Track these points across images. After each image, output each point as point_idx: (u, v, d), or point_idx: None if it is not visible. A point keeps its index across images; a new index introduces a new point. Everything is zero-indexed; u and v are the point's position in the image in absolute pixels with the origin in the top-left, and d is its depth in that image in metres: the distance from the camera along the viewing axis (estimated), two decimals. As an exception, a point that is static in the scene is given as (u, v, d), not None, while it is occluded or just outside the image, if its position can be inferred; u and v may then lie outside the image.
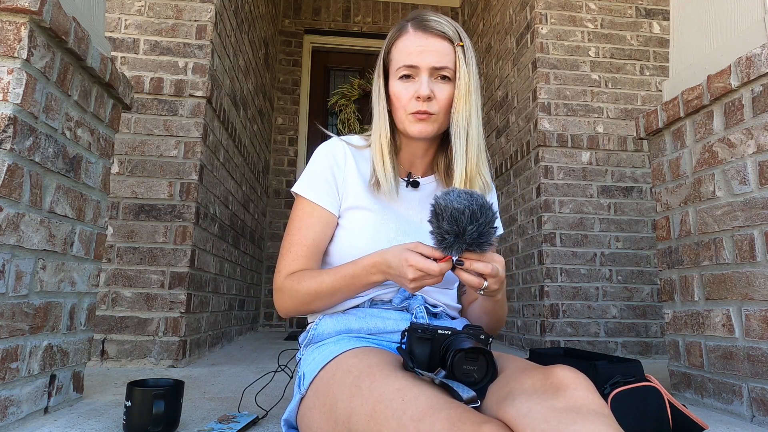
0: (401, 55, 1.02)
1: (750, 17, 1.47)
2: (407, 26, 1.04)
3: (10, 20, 1.09)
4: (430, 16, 1.04)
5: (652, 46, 3.01)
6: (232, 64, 2.80)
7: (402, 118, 1.04)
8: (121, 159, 2.17)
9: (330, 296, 0.96)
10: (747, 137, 1.42)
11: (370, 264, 0.91)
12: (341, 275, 0.94)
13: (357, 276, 0.93)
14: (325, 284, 0.95)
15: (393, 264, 0.87)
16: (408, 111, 1.02)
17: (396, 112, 1.05)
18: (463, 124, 1.02)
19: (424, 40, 1.01)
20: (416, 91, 1.00)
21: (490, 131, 3.76)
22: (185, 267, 2.13)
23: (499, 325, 1.07)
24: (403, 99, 1.02)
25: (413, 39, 1.02)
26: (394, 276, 0.88)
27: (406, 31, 1.04)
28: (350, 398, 0.77)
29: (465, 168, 1.03)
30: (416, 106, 1.00)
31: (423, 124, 1.02)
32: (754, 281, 1.39)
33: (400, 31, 1.05)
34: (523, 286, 2.99)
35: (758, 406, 1.36)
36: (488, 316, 1.04)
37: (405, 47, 1.02)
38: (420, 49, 1.00)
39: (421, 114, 1.01)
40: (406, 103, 1.02)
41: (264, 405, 1.34)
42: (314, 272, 0.98)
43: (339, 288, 0.95)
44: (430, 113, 1.01)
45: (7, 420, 1.08)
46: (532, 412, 0.62)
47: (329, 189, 1.05)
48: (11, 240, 1.07)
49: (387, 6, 4.79)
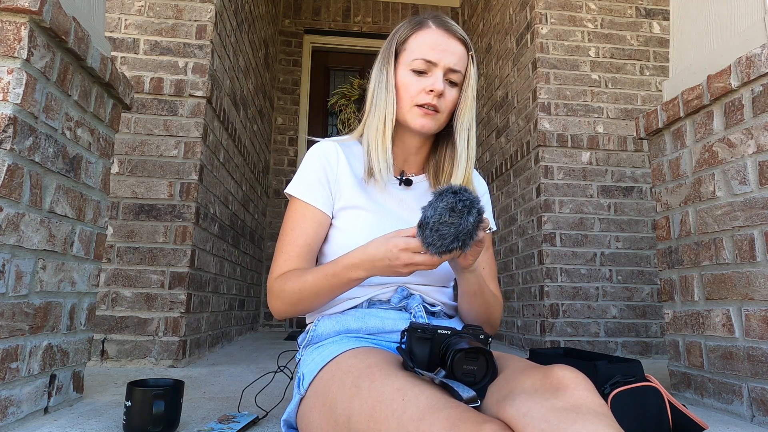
0: (421, 48, 1.03)
1: (750, 17, 1.47)
2: (428, 22, 1.06)
3: (10, 20, 1.09)
4: (449, 20, 1.07)
5: (652, 46, 3.01)
6: (232, 64, 2.80)
7: (406, 109, 1.04)
8: (121, 159, 2.17)
9: (314, 296, 0.96)
10: (747, 137, 1.42)
11: (350, 262, 0.91)
12: (323, 274, 0.94)
13: (337, 274, 0.92)
14: (308, 284, 0.95)
15: (379, 254, 0.86)
16: (416, 102, 1.03)
17: (399, 101, 1.05)
18: (466, 128, 1.06)
19: (446, 39, 1.03)
20: (430, 85, 1.01)
21: (490, 131, 3.76)
22: (185, 267, 2.13)
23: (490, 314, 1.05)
24: (412, 90, 1.03)
25: (436, 35, 1.03)
26: (381, 267, 0.87)
27: (428, 26, 1.05)
28: (350, 398, 0.77)
29: (466, 169, 1.08)
30: (426, 99, 1.02)
31: (427, 119, 1.03)
32: (754, 281, 1.39)
33: (421, 25, 1.06)
34: (523, 286, 2.99)
35: (758, 406, 1.36)
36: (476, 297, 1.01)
37: (426, 42, 1.03)
38: (442, 47, 1.02)
39: (430, 108, 1.02)
40: (415, 94, 1.03)
41: (264, 405, 1.34)
42: (300, 272, 0.98)
43: (321, 287, 0.94)
44: (438, 110, 1.03)
45: (7, 420, 1.08)
46: (532, 411, 0.62)
47: (322, 189, 1.05)
48: (11, 240, 1.07)
49: (387, 6, 4.79)
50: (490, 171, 3.70)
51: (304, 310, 1.00)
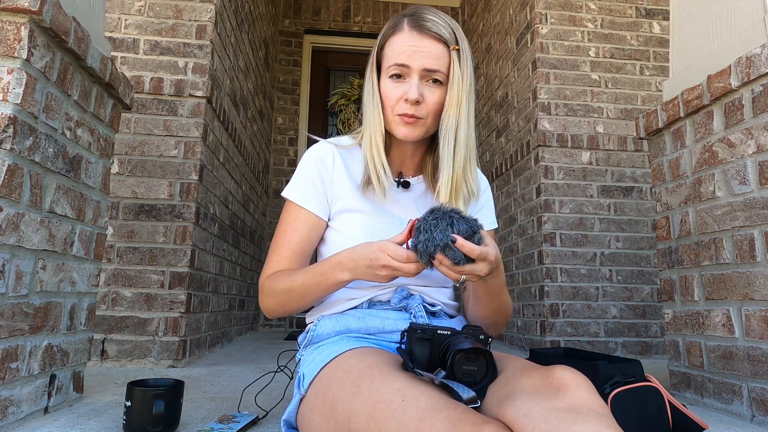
0: (393, 53, 1.00)
1: (750, 17, 1.47)
2: (403, 23, 1.01)
3: (10, 20, 1.09)
4: (427, 15, 1.00)
5: (652, 46, 3.01)
6: (232, 64, 2.80)
7: (390, 119, 1.02)
8: (121, 159, 2.17)
9: (302, 295, 0.96)
10: (747, 137, 1.42)
11: (336, 261, 0.92)
12: (311, 273, 0.95)
13: (324, 273, 0.93)
14: (297, 282, 0.96)
15: (363, 255, 0.87)
16: (395, 112, 1.00)
17: (384, 111, 1.03)
18: (452, 130, 1.00)
19: (418, 40, 0.98)
20: (405, 93, 0.98)
21: (490, 131, 3.76)
22: (185, 267, 2.13)
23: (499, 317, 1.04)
24: (392, 99, 1.00)
25: (407, 38, 0.99)
26: (363, 267, 0.87)
27: (402, 28, 1.01)
28: (350, 399, 0.77)
29: (451, 175, 1.02)
30: (404, 109, 0.99)
31: (409, 128, 1.00)
32: (754, 281, 1.39)
33: (395, 28, 1.02)
34: (523, 286, 2.99)
35: (758, 406, 1.36)
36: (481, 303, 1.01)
37: (398, 45, 0.99)
38: (413, 50, 0.98)
39: (408, 117, 0.99)
40: (393, 104, 1.00)
41: (264, 405, 1.34)
42: (290, 271, 0.99)
43: (309, 286, 0.95)
44: (418, 117, 0.99)
45: (7, 420, 1.08)
46: (532, 412, 0.62)
47: (317, 193, 1.05)
48: (11, 240, 1.07)
49: (387, 6, 4.79)
50: (490, 171, 3.70)
51: (293, 309, 1.01)
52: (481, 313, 1.03)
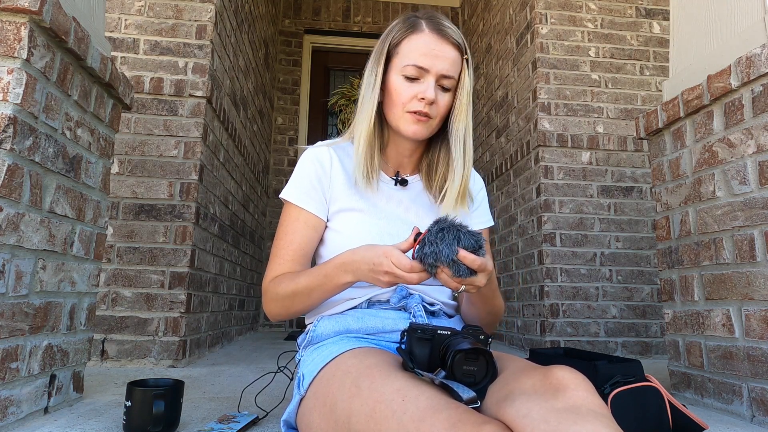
0: (413, 53, 1.00)
1: (750, 17, 1.47)
2: (421, 24, 1.02)
3: (10, 20, 1.09)
4: (444, 21, 1.04)
5: (652, 46, 3.01)
6: (232, 64, 2.80)
7: (398, 115, 1.03)
8: (121, 159, 2.17)
9: (306, 297, 0.97)
10: (747, 137, 1.42)
11: (339, 262, 0.92)
12: (315, 275, 0.95)
13: (328, 275, 0.93)
14: (300, 285, 0.96)
15: (366, 257, 0.87)
16: (407, 109, 1.01)
17: (392, 107, 1.04)
18: (462, 134, 1.05)
19: (439, 44, 1.00)
20: (422, 92, 1.00)
21: (490, 131, 3.76)
22: (185, 267, 2.13)
23: (492, 318, 1.06)
24: (404, 96, 1.01)
25: (428, 40, 1.00)
26: (365, 270, 0.88)
27: (421, 29, 1.02)
28: (350, 399, 0.77)
29: (463, 176, 1.06)
30: (418, 106, 1.00)
31: (419, 126, 1.02)
32: (754, 281, 1.39)
33: (414, 27, 1.03)
34: (523, 286, 2.99)
35: (758, 406, 1.36)
36: (475, 306, 1.03)
37: (418, 46, 1.00)
38: (435, 53, 1.00)
39: (422, 115, 1.01)
40: (407, 101, 1.01)
41: (264, 405, 1.34)
42: (293, 274, 0.99)
43: (313, 288, 0.95)
44: (430, 116, 1.02)
45: (7, 420, 1.08)
46: (531, 412, 0.62)
47: (315, 194, 1.05)
48: (11, 240, 1.07)
49: (387, 6, 4.79)
50: (490, 171, 3.69)
51: (297, 312, 1.01)
52: (475, 314, 1.05)
